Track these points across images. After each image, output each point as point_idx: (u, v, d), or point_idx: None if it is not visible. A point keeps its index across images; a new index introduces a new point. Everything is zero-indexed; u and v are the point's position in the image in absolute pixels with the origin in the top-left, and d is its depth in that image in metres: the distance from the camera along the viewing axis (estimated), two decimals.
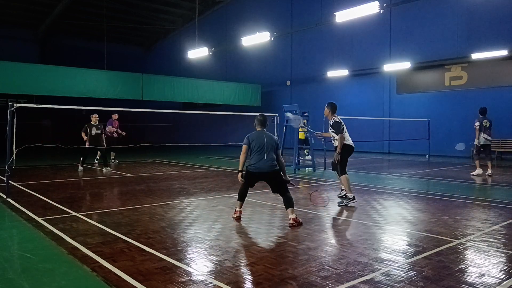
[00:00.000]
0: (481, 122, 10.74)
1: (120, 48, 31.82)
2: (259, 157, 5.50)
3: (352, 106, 20.17)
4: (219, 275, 3.49)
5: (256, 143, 5.55)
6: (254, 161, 5.53)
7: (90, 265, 3.71)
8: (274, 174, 5.54)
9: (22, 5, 25.78)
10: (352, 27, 18.89)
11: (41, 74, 17.90)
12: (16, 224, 5.40)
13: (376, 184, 9.31)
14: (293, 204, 5.42)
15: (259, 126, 5.78)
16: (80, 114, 27.62)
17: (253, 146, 5.56)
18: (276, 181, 5.57)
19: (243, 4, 26.66)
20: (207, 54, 18.49)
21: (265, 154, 5.50)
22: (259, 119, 5.82)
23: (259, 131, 5.73)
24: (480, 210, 6.43)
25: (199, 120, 29.18)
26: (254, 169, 5.53)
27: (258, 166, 5.49)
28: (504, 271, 3.61)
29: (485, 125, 10.75)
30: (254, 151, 5.55)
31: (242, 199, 5.75)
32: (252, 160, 5.57)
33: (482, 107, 11.02)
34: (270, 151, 5.54)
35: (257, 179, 5.66)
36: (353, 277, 3.42)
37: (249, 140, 5.60)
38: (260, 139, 5.57)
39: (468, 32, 16.78)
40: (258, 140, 5.57)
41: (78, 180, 9.95)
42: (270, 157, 5.51)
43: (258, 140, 5.56)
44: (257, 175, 5.58)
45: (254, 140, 5.58)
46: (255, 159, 5.53)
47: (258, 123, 5.79)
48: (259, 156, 5.50)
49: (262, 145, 5.52)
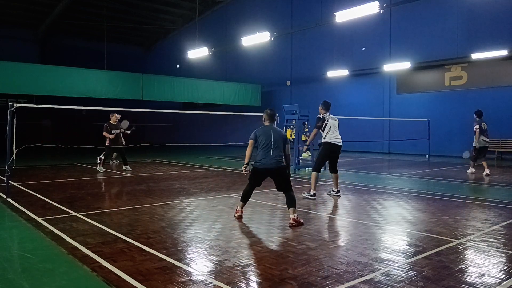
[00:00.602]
0: (480, 125, 10.99)
1: (120, 48, 31.82)
2: (265, 153, 5.42)
3: (352, 106, 20.20)
4: (219, 275, 3.49)
5: (262, 139, 5.46)
6: (260, 157, 5.46)
7: (90, 265, 3.71)
8: (280, 170, 5.45)
9: (22, 5, 25.78)
10: (352, 27, 18.89)
11: (41, 74, 17.90)
12: (16, 224, 5.40)
13: (376, 184, 9.31)
14: (296, 204, 5.37)
15: (268, 121, 5.67)
16: (80, 114, 27.66)
17: (260, 141, 5.47)
18: (281, 177, 5.48)
19: (243, 4, 26.66)
20: (207, 54, 18.48)
21: (271, 150, 5.42)
22: (269, 113, 5.69)
23: (267, 126, 5.64)
24: (480, 210, 6.42)
25: (199, 120, 29.19)
26: (260, 165, 5.45)
27: (264, 162, 5.42)
28: (504, 271, 3.61)
29: (483, 128, 11.03)
30: (261, 147, 5.46)
31: (245, 200, 5.70)
32: (258, 156, 5.49)
33: (479, 110, 11.31)
34: (277, 147, 5.45)
35: (263, 176, 5.58)
36: (353, 277, 3.42)
37: (256, 135, 5.53)
38: (267, 135, 5.49)
39: (468, 32, 16.78)
40: (265, 135, 5.49)
41: (78, 180, 9.95)
42: (276, 153, 5.43)
43: (265, 136, 5.48)
44: (263, 172, 5.50)
45: (261, 136, 5.50)
46: (261, 155, 5.46)
47: (267, 117, 5.67)
48: (265, 152, 5.42)
49: (269, 141, 5.44)
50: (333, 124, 7.32)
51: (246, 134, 5.71)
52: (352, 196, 7.62)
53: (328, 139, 7.25)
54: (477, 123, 11.04)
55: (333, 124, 7.31)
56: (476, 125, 11.02)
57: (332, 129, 7.27)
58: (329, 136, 7.26)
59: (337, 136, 7.29)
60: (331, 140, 7.24)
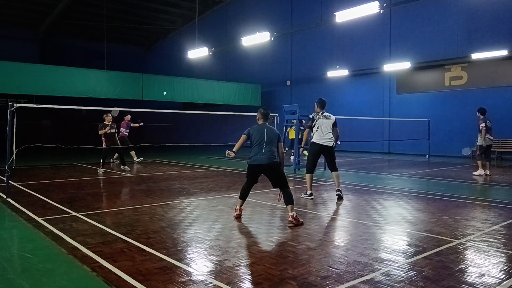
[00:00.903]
0: (485, 123, 10.62)
1: (120, 48, 31.82)
2: (258, 150, 5.52)
3: (352, 106, 20.20)
4: (219, 275, 3.49)
5: (256, 136, 5.57)
6: (253, 154, 5.55)
7: (90, 265, 3.71)
8: (273, 166, 5.52)
9: (22, 5, 25.78)
10: (352, 27, 18.89)
11: (41, 74, 17.90)
12: (16, 224, 5.40)
13: (376, 184, 9.31)
14: (293, 201, 5.42)
15: (262, 120, 5.77)
16: (80, 114, 27.68)
17: (253, 139, 5.57)
18: (275, 174, 5.55)
19: (243, 4, 26.66)
20: (207, 54, 18.48)
21: (263, 147, 5.50)
22: (262, 112, 5.80)
23: (261, 124, 5.74)
24: (480, 210, 6.42)
25: (199, 120, 29.18)
26: (252, 161, 5.55)
27: (256, 158, 5.51)
28: (504, 271, 3.60)
29: (488, 126, 10.67)
30: (254, 144, 5.56)
31: (243, 197, 5.77)
32: (252, 153, 5.58)
33: (483, 108, 10.90)
34: (269, 144, 5.53)
35: (257, 173, 5.65)
36: (353, 277, 3.42)
37: (250, 132, 5.63)
38: (260, 132, 5.59)
39: (468, 32, 16.79)
40: (259, 133, 5.58)
41: (78, 180, 9.95)
42: (268, 149, 5.51)
43: (259, 133, 5.58)
44: (256, 168, 5.58)
45: (255, 133, 5.59)
46: (253, 152, 5.56)
47: (261, 116, 5.77)
48: (258, 149, 5.52)
49: (262, 138, 5.53)
50: (324, 124, 7.23)
51: None
52: (352, 196, 7.62)
53: (315, 139, 7.28)
54: (483, 121, 10.61)
55: (323, 124, 7.22)
56: (482, 123, 10.59)
57: (321, 129, 7.22)
58: (316, 137, 7.28)
59: (325, 137, 7.21)
60: (317, 140, 7.25)
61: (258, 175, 5.72)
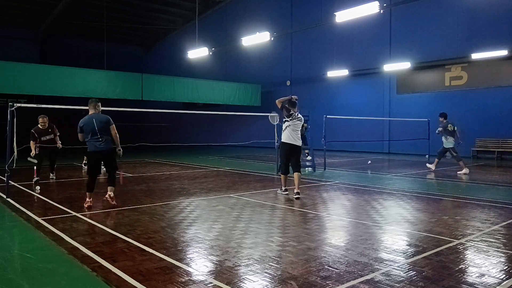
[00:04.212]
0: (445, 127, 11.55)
1: (120, 48, 31.80)
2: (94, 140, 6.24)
3: (352, 106, 20.20)
4: (219, 275, 3.49)
5: (87, 127, 6.21)
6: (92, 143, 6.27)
7: (90, 265, 3.71)
8: (110, 152, 6.39)
9: (22, 5, 25.77)
10: (352, 27, 18.89)
11: (41, 74, 17.89)
12: (16, 224, 5.40)
13: (376, 184, 9.31)
14: (115, 184, 6.56)
15: (92, 110, 6.41)
16: (80, 114, 27.58)
17: (85, 130, 6.23)
18: (110, 158, 6.42)
19: (243, 4, 26.66)
20: (207, 54, 18.48)
21: (98, 135, 6.23)
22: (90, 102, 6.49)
23: (91, 114, 6.37)
24: (480, 210, 6.42)
25: (199, 120, 29.18)
26: (92, 149, 6.28)
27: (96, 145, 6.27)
28: (504, 271, 3.61)
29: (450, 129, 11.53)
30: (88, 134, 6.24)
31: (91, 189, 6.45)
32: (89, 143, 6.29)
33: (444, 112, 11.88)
34: (103, 131, 6.27)
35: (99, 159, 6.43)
36: (353, 277, 3.42)
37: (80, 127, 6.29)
38: (90, 123, 6.22)
39: (468, 32, 16.78)
40: (89, 124, 6.21)
41: (78, 180, 9.95)
42: (105, 138, 6.29)
43: (89, 125, 6.21)
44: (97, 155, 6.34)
45: (85, 125, 6.24)
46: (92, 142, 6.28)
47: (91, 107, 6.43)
48: (94, 138, 6.24)
49: (94, 128, 6.20)
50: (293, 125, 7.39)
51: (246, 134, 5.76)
52: (352, 196, 7.62)
53: (284, 139, 7.51)
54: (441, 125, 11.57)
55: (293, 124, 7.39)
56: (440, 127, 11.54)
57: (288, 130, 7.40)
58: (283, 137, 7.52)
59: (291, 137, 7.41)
60: (286, 140, 7.47)
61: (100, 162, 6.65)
